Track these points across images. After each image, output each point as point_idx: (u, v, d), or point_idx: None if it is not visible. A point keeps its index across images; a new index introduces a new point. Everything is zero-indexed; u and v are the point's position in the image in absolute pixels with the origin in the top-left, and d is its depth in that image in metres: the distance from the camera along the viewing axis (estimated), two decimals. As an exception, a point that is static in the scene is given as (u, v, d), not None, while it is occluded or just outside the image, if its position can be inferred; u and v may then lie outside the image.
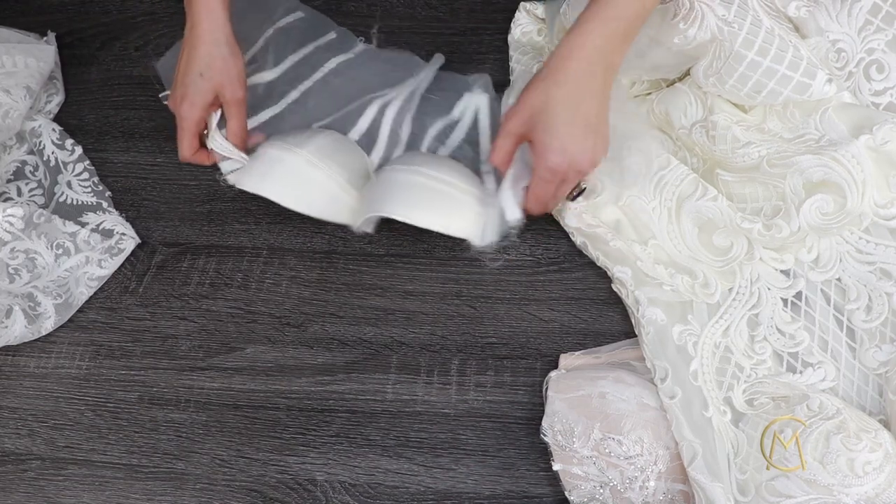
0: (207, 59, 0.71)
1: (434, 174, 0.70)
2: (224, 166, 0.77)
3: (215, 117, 0.75)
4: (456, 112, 0.83)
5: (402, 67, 0.86)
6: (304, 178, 0.72)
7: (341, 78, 0.86)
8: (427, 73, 0.85)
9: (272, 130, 0.82)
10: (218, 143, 0.75)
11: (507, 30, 0.89)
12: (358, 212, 0.73)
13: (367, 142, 0.80)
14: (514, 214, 0.69)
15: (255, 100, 0.84)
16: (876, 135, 0.64)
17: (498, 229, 0.70)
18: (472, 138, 0.82)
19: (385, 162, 0.79)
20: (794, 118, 0.69)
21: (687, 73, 0.75)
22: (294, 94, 0.85)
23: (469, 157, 0.80)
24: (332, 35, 0.90)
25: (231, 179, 0.76)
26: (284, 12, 0.90)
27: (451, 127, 0.83)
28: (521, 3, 0.89)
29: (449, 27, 0.92)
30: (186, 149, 0.75)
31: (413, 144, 0.81)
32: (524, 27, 0.88)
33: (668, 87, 0.77)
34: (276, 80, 0.86)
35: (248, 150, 0.77)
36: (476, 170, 0.76)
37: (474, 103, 0.84)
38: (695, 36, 0.67)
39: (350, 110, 0.82)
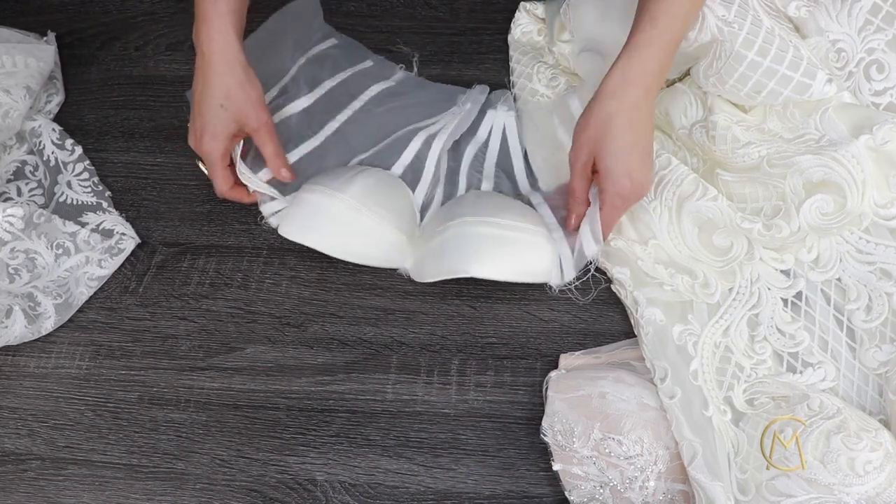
0: (224, 88, 0.69)
1: (504, 222, 0.68)
2: (265, 209, 0.76)
3: (238, 150, 0.73)
4: (482, 131, 0.82)
5: (443, 96, 0.84)
6: (348, 226, 0.69)
7: (383, 108, 0.84)
8: (473, 105, 0.83)
9: (313, 164, 0.80)
10: (246, 176, 0.72)
11: (507, 30, 0.89)
12: (424, 265, 0.71)
13: (411, 177, 0.79)
14: (593, 249, 0.68)
15: (289, 131, 0.82)
16: (876, 135, 0.64)
17: (574, 265, 0.69)
18: (502, 163, 0.81)
19: (429, 199, 0.78)
20: (794, 118, 0.69)
21: (687, 73, 0.75)
22: (333, 125, 0.83)
23: (507, 188, 0.79)
24: (368, 63, 0.88)
25: (274, 223, 0.75)
26: (318, 40, 0.89)
27: (482, 151, 0.82)
28: (521, 3, 0.89)
29: (449, 27, 0.92)
30: (222, 183, 0.73)
31: (451, 176, 0.80)
32: (524, 27, 0.88)
33: (668, 87, 0.77)
34: (312, 106, 0.84)
35: (285, 191, 0.76)
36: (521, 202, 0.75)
37: (500, 121, 0.83)
38: (695, 37, 0.67)
39: (392, 142, 0.81)
